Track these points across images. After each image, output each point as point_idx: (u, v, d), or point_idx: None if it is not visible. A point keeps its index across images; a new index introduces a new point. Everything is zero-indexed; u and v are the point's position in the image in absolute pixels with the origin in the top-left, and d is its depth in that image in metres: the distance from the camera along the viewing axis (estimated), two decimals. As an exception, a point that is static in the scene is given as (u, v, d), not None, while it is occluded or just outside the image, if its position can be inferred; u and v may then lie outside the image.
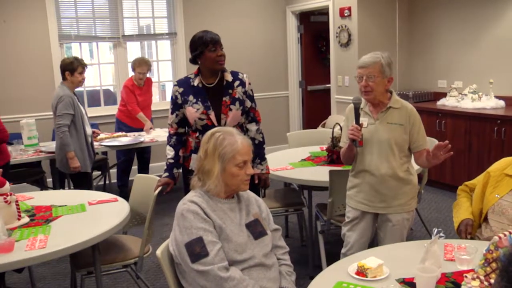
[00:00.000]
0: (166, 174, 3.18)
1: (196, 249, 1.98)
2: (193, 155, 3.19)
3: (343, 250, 3.03)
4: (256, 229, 2.18)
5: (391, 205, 2.85)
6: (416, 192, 2.93)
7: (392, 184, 2.82)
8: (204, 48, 3.08)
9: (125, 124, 5.89)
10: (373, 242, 3.06)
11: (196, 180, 2.21)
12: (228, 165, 2.12)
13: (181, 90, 3.17)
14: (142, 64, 5.72)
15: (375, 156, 2.81)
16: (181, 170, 3.27)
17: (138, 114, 5.75)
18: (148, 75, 5.92)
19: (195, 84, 3.15)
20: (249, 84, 3.26)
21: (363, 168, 2.87)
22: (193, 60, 3.18)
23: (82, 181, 4.52)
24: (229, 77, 3.19)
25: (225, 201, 2.17)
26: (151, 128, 5.81)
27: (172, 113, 3.22)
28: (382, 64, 2.73)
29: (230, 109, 3.13)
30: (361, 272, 2.02)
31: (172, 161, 3.20)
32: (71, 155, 4.34)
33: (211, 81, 3.17)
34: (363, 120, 2.81)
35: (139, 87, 5.81)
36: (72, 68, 4.45)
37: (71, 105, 4.34)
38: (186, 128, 3.27)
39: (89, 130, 4.62)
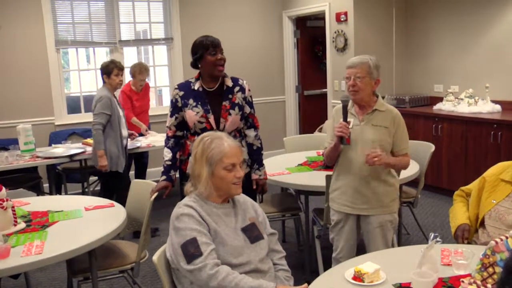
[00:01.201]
0: (164, 177, 3.19)
1: (191, 250, 2.00)
2: (191, 159, 3.20)
3: (333, 255, 3.08)
4: (252, 233, 2.18)
5: (373, 207, 2.90)
6: (397, 194, 3.00)
7: (375, 186, 2.87)
8: (204, 51, 3.11)
9: None
10: (364, 246, 3.07)
11: (189, 186, 2.24)
12: (216, 169, 2.13)
13: (181, 93, 3.19)
14: (143, 71, 5.69)
15: (358, 157, 2.84)
16: (178, 174, 3.27)
17: (132, 119, 5.74)
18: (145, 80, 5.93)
19: (196, 88, 3.18)
20: (249, 90, 3.30)
21: (347, 169, 2.91)
22: (193, 64, 3.21)
23: (114, 180, 4.62)
24: (229, 83, 3.22)
25: (220, 206, 2.19)
26: (147, 130, 5.79)
27: (171, 116, 3.23)
28: (370, 65, 2.81)
29: (230, 114, 3.15)
30: (358, 277, 2.02)
31: (169, 163, 3.21)
32: (101, 154, 4.51)
33: (211, 85, 3.19)
34: (349, 120, 2.85)
35: (136, 92, 5.80)
36: (108, 71, 4.65)
37: (108, 106, 4.52)
38: (185, 132, 3.28)
39: (124, 132, 4.79)
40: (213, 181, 2.14)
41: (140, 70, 5.70)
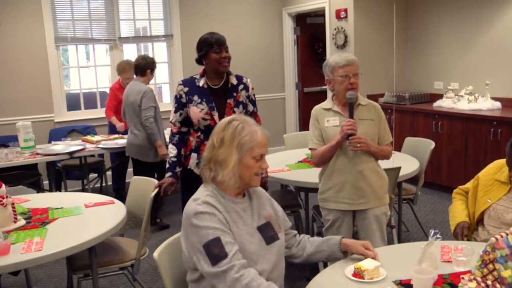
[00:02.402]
0: (169, 173, 3.20)
1: (215, 250, 1.86)
2: (193, 154, 3.24)
3: None
4: (268, 233, 2.08)
5: (369, 200, 2.92)
6: (387, 187, 3.03)
7: (371, 179, 2.90)
8: (208, 49, 3.13)
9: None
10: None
11: (207, 172, 2.05)
12: (245, 157, 1.99)
13: (186, 89, 3.20)
14: (126, 70, 5.57)
15: (352, 152, 2.86)
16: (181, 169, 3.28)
17: (110, 118, 5.70)
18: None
19: (200, 84, 3.19)
20: (252, 89, 3.32)
21: (342, 166, 2.91)
22: (198, 61, 3.23)
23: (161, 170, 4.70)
24: (234, 80, 3.24)
25: (237, 201, 2.05)
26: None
27: (175, 112, 3.24)
28: (357, 62, 2.88)
29: (234, 112, 3.17)
30: (358, 274, 2.02)
31: (174, 159, 3.23)
32: (159, 143, 4.73)
33: (216, 82, 3.21)
34: (334, 119, 2.90)
35: None
36: (153, 67, 4.95)
37: (153, 99, 4.77)
38: (189, 128, 3.29)
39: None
40: (239, 168, 1.99)
41: (123, 69, 5.63)
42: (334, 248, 2.19)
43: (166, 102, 7.38)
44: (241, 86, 3.25)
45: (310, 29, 7.94)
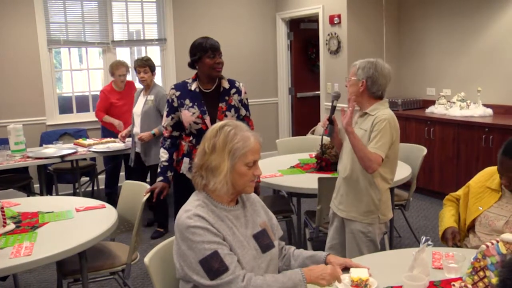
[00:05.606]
0: (161, 178, 3.20)
1: (214, 265, 1.82)
2: (185, 159, 3.24)
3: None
4: (263, 241, 2.05)
5: (345, 210, 2.90)
6: (374, 208, 2.83)
7: (352, 190, 2.86)
8: (203, 54, 3.14)
9: (109, 130, 5.78)
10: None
11: (199, 179, 2.00)
12: (238, 163, 1.93)
13: (178, 93, 3.21)
14: (120, 67, 5.59)
15: (344, 158, 2.90)
16: (173, 173, 3.28)
17: (103, 118, 5.66)
18: (130, 79, 5.85)
19: (192, 88, 3.20)
20: (245, 93, 3.33)
21: (339, 170, 2.98)
22: (191, 65, 3.24)
23: None
24: (226, 84, 3.24)
25: (230, 209, 2.00)
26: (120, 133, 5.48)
27: (167, 116, 3.25)
28: (358, 66, 2.86)
29: (226, 115, 3.17)
30: (359, 285, 1.92)
31: (166, 163, 3.23)
32: None
33: (208, 86, 3.22)
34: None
35: (119, 91, 5.71)
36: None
37: None
38: (180, 132, 3.28)
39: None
40: (232, 176, 1.94)
41: (117, 66, 5.60)
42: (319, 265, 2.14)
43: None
44: (234, 90, 3.26)
45: (303, 35, 7.97)
